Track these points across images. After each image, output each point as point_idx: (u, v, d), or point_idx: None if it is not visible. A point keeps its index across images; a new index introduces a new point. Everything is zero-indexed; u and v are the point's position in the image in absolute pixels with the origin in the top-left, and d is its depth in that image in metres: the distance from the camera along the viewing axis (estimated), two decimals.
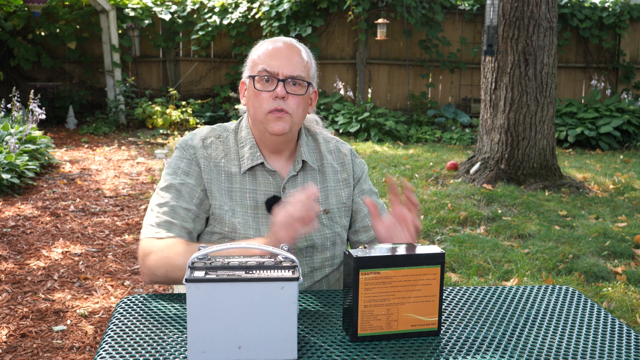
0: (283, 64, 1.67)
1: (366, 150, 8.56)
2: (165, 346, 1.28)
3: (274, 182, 1.74)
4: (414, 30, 10.74)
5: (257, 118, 1.70)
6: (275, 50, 1.69)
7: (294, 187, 1.76)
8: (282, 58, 1.68)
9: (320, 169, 1.81)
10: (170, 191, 1.69)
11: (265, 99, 1.67)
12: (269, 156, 1.76)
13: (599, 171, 7.41)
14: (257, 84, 1.68)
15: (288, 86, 1.67)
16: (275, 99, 1.66)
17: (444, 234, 4.75)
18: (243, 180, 1.73)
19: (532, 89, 6.26)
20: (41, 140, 6.99)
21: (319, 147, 1.84)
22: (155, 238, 1.63)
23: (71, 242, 4.43)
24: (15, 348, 2.90)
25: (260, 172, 1.74)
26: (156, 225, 1.65)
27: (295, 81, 1.67)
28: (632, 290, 3.68)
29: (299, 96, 1.68)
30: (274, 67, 1.66)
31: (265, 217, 1.72)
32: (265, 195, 1.73)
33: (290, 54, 1.69)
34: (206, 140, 1.75)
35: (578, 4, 10.93)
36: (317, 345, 1.30)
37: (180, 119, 9.83)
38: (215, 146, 1.75)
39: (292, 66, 1.67)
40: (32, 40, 10.31)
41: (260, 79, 1.67)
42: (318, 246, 1.76)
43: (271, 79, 1.67)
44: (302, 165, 1.78)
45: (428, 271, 1.32)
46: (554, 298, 1.62)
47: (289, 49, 1.70)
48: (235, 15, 10.43)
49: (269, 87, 1.67)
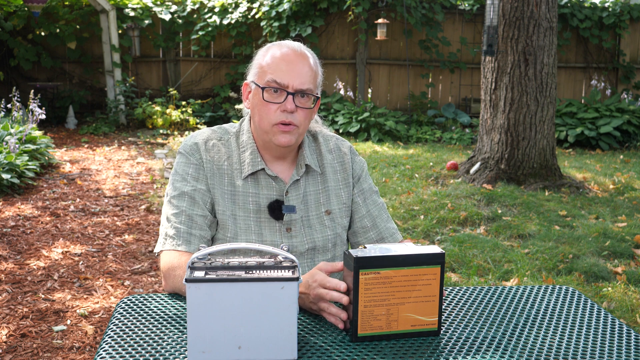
0: (293, 76, 1.64)
1: (366, 150, 8.56)
2: (165, 346, 1.28)
3: (276, 186, 1.73)
4: (414, 30, 10.74)
5: (263, 128, 1.69)
6: (285, 59, 1.67)
7: (296, 191, 1.75)
8: (292, 69, 1.65)
9: (322, 170, 1.81)
10: (184, 199, 1.67)
11: (273, 111, 1.65)
12: (271, 161, 1.75)
13: (599, 171, 7.41)
14: (265, 94, 1.66)
15: (297, 99, 1.66)
16: (284, 112, 1.65)
17: (444, 234, 4.75)
18: (246, 184, 1.72)
19: (532, 89, 6.26)
20: (41, 140, 6.99)
21: (319, 147, 1.83)
22: (177, 251, 1.61)
23: (71, 242, 4.43)
24: (15, 348, 2.90)
25: (263, 176, 1.73)
26: (175, 236, 1.63)
27: (304, 93, 1.66)
28: (632, 290, 3.68)
29: (307, 109, 1.68)
30: (284, 79, 1.64)
31: (267, 221, 1.72)
32: (267, 200, 1.72)
33: (300, 64, 1.67)
34: (208, 143, 1.74)
35: (578, 4, 10.93)
36: (317, 345, 1.30)
37: (180, 119, 9.83)
38: (217, 149, 1.74)
39: (301, 78, 1.65)
40: (32, 40, 10.31)
41: (269, 89, 1.65)
42: (319, 248, 1.75)
43: (280, 90, 1.65)
44: (305, 169, 1.78)
45: (428, 271, 1.32)
46: (554, 298, 1.62)
47: (299, 58, 1.68)
48: (235, 15, 10.43)
49: (277, 99, 1.65)
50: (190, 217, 1.65)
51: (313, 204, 1.77)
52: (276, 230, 1.72)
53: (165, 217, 1.68)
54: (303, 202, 1.76)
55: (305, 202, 1.76)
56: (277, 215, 1.71)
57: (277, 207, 1.71)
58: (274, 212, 1.71)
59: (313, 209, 1.76)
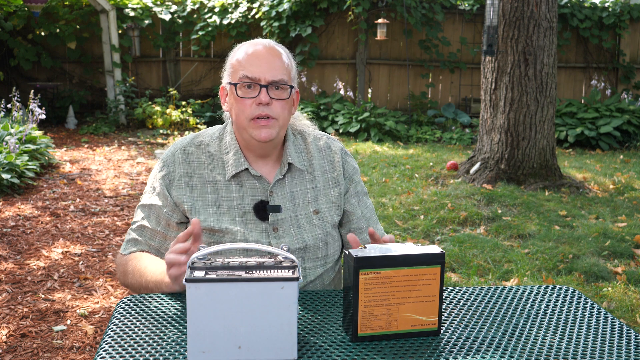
0: (264, 69, 1.65)
1: (366, 150, 8.55)
2: (165, 346, 1.28)
3: (260, 186, 1.73)
4: (414, 30, 10.74)
5: (241, 125, 1.69)
6: (255, 54, 1.67)
7: (282, 190, 1.75)
8: (263, 63, 1.65)
9: (309, 169, 1.80)
10: (144, 210, 1.77)
11: (248, 106, 1.65)
12: (255, 161, 1.75)
13: (599, 171, 7.41)
14: (238, 90, 1.66)
15: (271, 91, 1.66)
16: (259, 105, 1.64)
17: (444, 234, 4.75)
18: (229, 188, 1.72)
19: (532, 89, 6.26)
20: (41, 140, 6.99)
21: (308, 146, 1.82)
22: (122, 254, 1.77)
23: (71, 242, 4.44)
24: (15, 348, 2.90)
25: (246, 177, 1.73)
26: (126, 242, 1.77)
27: (278, 85, 1.66)
28: (632, 290, 3.68)
29: (283, 100, 1.67)
30: (256, 73, 1.64)
31: (253, 223, 1.71)
32: (252, 201, 1.72)
33: (270, 58, 1.67)
34: (187, 151, 1.75)
35: (578, 4, 10.93)
36: (317, 345, 1.30)
37: (180, 119, 9.84)
38: (196, 156, 1.74)
39: (273, 71, 1.65)
40: (32, 40, 10.31)
41: (242, 85, 1.66)
42: (310, 247, 1.75)
43: (253, 85, 1.65)
44: (289, 167, 1.77)
45: (428, 271, 1.32)
46: (554, 298, 1.62)
47: (269, 53, 1.68)
48: (235, 15, 10.43)
49: (251, 94, 1.65)
50: (141, 227, 1.76)
51: (301, 203, 1.76)
52: (262, 230, 1.71)
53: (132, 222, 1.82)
54: (290, 202, 1.75)
55: (293, 202, 1.75)
56: (262, 216, 1.71)
57: (262, 208, 1.71)
58: (259, 213, 1.71)
59: (301, 208, 1.76)
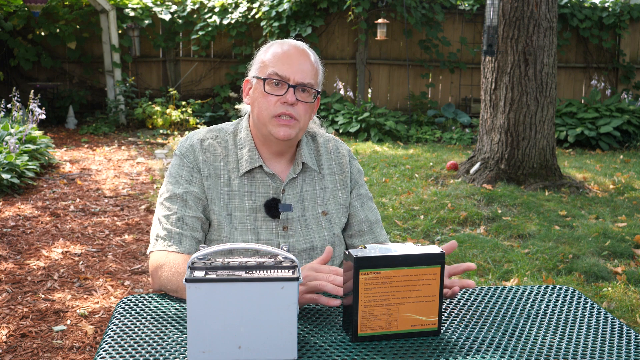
0: (295, 70, 1.66)
1: (366, 150, 8.55)
2: (165, 346, 1.28)
3: (273, 184, 1.73)
4: (414, 30, 10.74)
5: (262, 120, 1.69)
6: (287, 54, 1.69)
7: (293, 190, 1.75)
8: (294, 63, 1.67)
9: (319, 171, 1.81)
10: (176, 201, 1.68)
11: (273, 103, 1.66)
12: (269, 158, 1.76)
13: (599, 171, 7.41)
14: (266, 86, 1.67)
15: (298, 93, 1.67)
16: (284, 104, 1.65)
17: (444, 234, 4.75)
18: (242, 183, 1.72)
19: (532, 89, 6.26)
20: (41, 140, 6.99)
21: (318, 147, 1.84)
22: (167, 251, 1.63)
23: (71, 242, 4.43)
24: (15, 348, 2.90)
25: (260, 174, 1.73)
26: (166, 237, 1.64)
27: (305, 88, 1.67)
28: (632, 290, 3.68)
29: (307, 104, 1.69)
30: (286, 72, 1.66)
31: (264, 220, 1.72)
32: (264, 198, 1.72)
33: (301, 59, 1.69)
34: (204, 143, 1.74)
35: (578, 4, 10.93)
36: (317, 345, 1.30)
37: (180, 119, 9.84)
38: (213, 148, 1.74)
39: (303, 73, 1.67)
40: (32, 40, 10.30)
41: (270, 81, 1.66)
42: (317, 248, 1.75)
43: (281, 83, 1.66)
44: (302, 167, 1.78)
45: (428, 271, 1.32)
46: (554, 298, 1.62)
47: (300, 54, 1.70)
48: (235, 15, 10.43)
49: (278, 91, 1.66)
50: (181, 218, 1.66)
51: (310, 203, 1.77)
52: (272, 228, 1.72)
53: (157, 219, 1.69)
54: (300, 202, 1.76)
55: (302, 202, 1.76)
56: (274, 214, 1.71)
57: (274, 205, 1.72)
58: (270, 211, 1.71)
59: (310, 208, 1.77)
